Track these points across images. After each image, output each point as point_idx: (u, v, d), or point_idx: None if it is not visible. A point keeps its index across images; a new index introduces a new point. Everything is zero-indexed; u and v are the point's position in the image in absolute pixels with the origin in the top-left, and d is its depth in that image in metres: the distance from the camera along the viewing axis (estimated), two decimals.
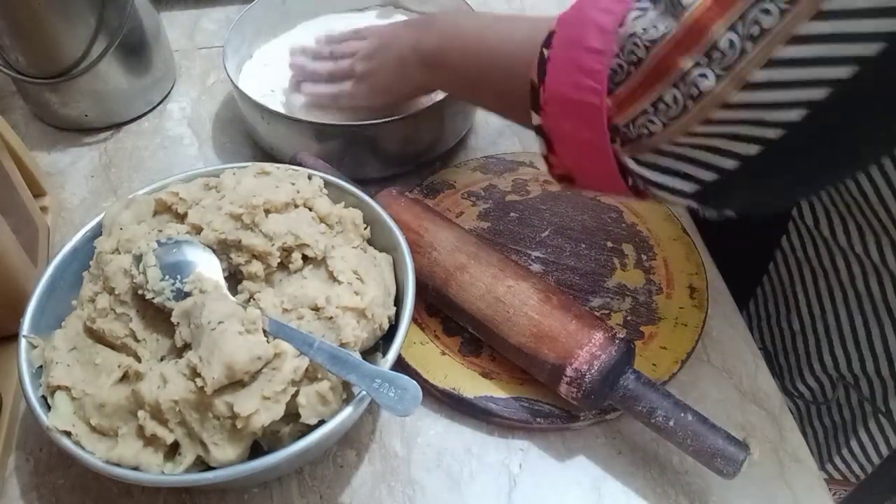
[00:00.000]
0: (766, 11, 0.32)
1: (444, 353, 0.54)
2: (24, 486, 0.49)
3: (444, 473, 0.49)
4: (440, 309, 0.55)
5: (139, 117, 0.75)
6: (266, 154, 0.69)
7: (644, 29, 0.36)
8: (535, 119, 0.44)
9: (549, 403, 0.50)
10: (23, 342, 0.45)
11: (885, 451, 0.60)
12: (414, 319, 0.55)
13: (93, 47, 0.67)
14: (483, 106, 0.61)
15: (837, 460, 0.64)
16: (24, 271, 0.53)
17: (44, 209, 0.64)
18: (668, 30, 0.35)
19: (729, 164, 0.37)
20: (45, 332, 0.46)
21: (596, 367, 0.46)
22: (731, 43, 0.33)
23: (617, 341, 0.47)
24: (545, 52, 0.42)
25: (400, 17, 0.76)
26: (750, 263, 0.64)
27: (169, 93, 0.78)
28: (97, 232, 0.51)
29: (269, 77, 0.72)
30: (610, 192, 0.45)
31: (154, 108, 0.76)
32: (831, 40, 0.31)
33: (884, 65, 0.30)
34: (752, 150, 0.35)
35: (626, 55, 0.37)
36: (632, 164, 0.40)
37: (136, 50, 0.72)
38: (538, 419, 0.50)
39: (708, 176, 0.38)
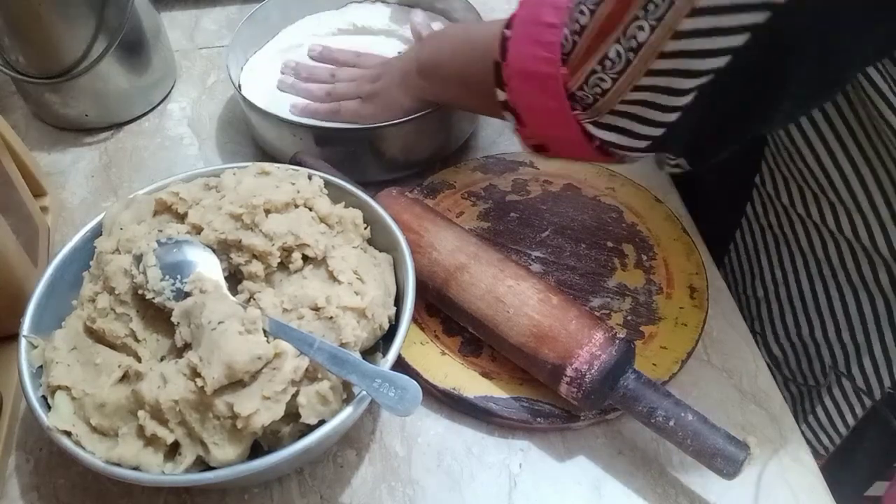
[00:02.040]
0: None
1: (444, 353, 0.54)
2: (24, 486, 0.49)
3: (444, 473, 0.49)
4: (440, 309, 0.55)
5: (139, 117, 0.75)
6: (266, 154, 0.69)
7: None
8: (501, 95, 0.47)
9: (549, 403, 0.50)
10: (23, 342, 0.45)
11: (850, 419, 0.61)
12: (414, 319, 0.55)
13: (93, 47, 0.67)
14: (476, 110, 0.64)
15: (804, 428, 0.64)
16: (24, 271, 0.53)
17: (44, 209, 0.64)
18: None
19: (671, 117, 0.40)
20: (46, 332, 0.46)
21: (596, 367, 0.46)
22: None
23: (617, 341, 0.47)
24: (506, 32, 0.45)
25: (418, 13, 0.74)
26: (718, 232, 0.65)
27: (169, 93, 0.78)
28: (97, 232, 0.51)
29: (272, 78, 0.72)
30: (579, 156, 0.48)
31: (154, 108, 0.76)
32: None
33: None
34: (688, 99, 0.39)
35: (572, 24, 0.41)
36: (592, 129, 0.44)
37: (136, 50, 0.72)
38: (538, 419, 0.50)
39: (655, 132, 0.42)
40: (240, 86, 0.68)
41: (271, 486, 0.49)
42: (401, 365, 0.53)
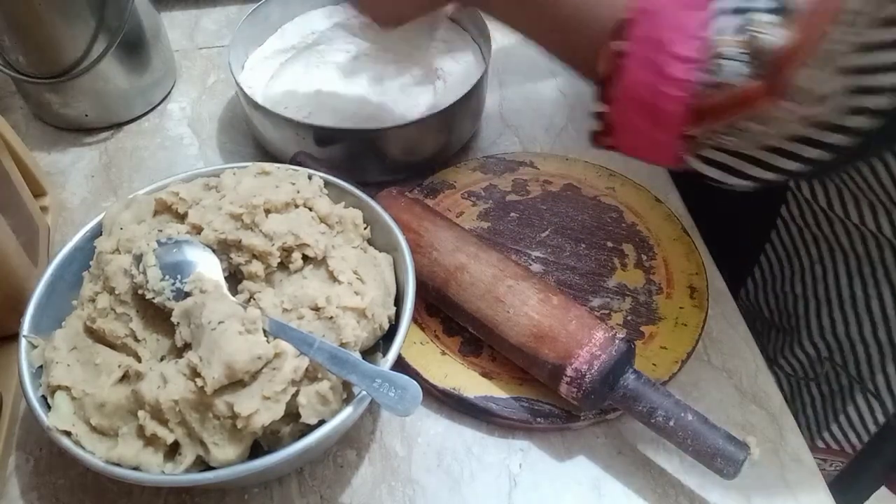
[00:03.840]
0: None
1: (444, 353, 0.54)
2: (24, 486, 0.49)
3: (444, 473, 0.49)
4: (440, 309, 0.55)
5: (139, 117, 0.75)
6: (267, 154, 0.69)
7: (730, 52, 0.36)
8: (600, 107, 0.43)
9: (549, 403, 0.50)
10: (23, 342, 0.45)
11: (872, 426, 0.61)
12: (414, 319, 0.55)
13: (93, 47, 0.67)
14: (533, 39, 0.52)
15: (829, 434, 0.65)
16: (24, 271, 0.53)
17: (44, 209, 0.64)
18: (751, 72, 0.36)
19: (792, 165, 0.38)
20: (46, 332, 0.46)
21: (596, 367, 0.46)
22: (812, 84, 0.34)
23: (617, 341, 0.47)
24: (620, 44, 0.40)
25: None
26: (754, 233, 0.65)
27: (169, 93, 0.78)
28: (97, 232, 0.50)
29: (272, 76, 0.72)
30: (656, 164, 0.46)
31: (154, 108, 0.76)
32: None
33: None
34: (816, 154, 0.37)
35: (710, 72, 0.37)
36: (694, 162, 0.41)
37: (136, 50, 0.72)
38: (538, 419, 0.50)
39: (769, 175, 0.39)
40: (241, 84, 0.68)
41: (271, 486, 0.49)
42: (401, 365, 0.53)
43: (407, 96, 0.69)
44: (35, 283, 0.48)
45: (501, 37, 0.83)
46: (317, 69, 0.72)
